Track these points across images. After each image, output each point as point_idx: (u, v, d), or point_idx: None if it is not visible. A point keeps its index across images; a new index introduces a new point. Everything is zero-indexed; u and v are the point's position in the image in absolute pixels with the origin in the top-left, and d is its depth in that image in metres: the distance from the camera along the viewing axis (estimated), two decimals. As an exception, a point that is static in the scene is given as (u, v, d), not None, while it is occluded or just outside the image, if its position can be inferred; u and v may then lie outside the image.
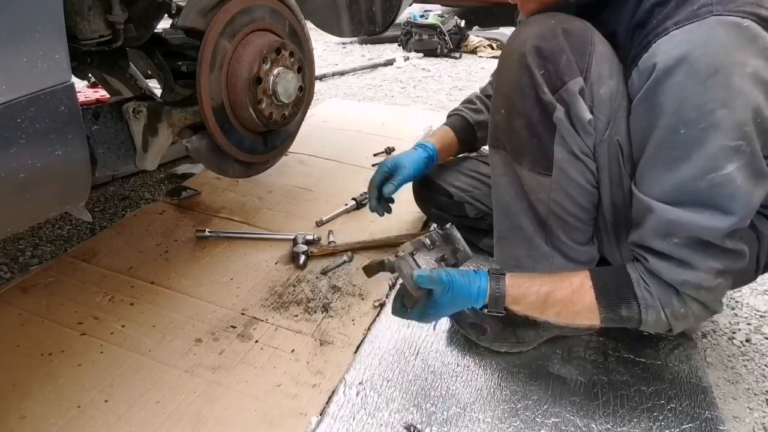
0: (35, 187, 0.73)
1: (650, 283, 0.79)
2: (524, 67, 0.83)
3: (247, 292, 1.19)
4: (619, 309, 0.81)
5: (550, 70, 0.81)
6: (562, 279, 0.86)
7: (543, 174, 0.87)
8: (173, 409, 0.89)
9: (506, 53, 0.88)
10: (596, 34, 0.83)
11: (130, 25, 1.10)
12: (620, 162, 0.84)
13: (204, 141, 1.20)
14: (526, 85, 0.84)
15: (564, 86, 0.81)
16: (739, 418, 0.93)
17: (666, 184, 0.75)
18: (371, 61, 3.88)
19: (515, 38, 0.87)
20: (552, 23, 0.82)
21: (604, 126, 0.83)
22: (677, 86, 0.71)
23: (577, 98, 0.81)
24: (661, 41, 0.72)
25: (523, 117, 0.86)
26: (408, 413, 0.90)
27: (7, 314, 1.09)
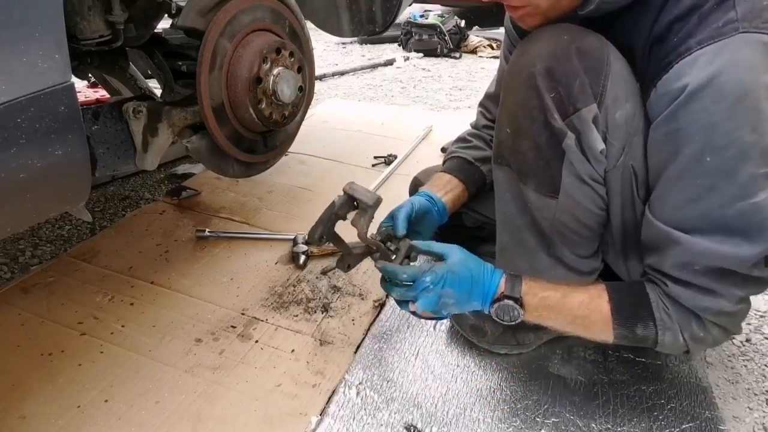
0: (35, 187, 0.73)
1: (669, 305, 0.77)
2: (533, 89, 0.78)
3: (247, 292, 1.19)
4: (635, 327, 0.79)
5: (562, 93, 0.76)
6: (579, 287, 0.84)
7: (549, 196, 0.84)
8: (173, 409, 0.89)
9: (514, 70, 0.83)
10: (612, 51, 0.77)
11: (130, 25, 1.10)
12: (633, 187, 0.81)
13: (204, 141, 1.20)
14: (534, 108, 0.79)
15: (576, 113, 0.76)
16: (739, 417, 0.93)
17: (689, 212, 0.72)
18: (371, 61, 3.88)
19: (523, 54, 0.81)
20: (565, 40, 0.76)
21: (618, 152, 0.79)
22: (703, 112, 0.67)
23: (590, 127, 0.76)
24: (683, 62, 0.68)
25: (529, 139, 0.82)
26: (408, 413, 0.90)
27: (7, 314, 1.09)
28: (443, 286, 0.84)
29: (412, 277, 0.86)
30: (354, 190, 0.93)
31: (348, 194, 0.93)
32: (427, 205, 1.07)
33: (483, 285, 0.85)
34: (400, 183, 1.76)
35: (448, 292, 0.84)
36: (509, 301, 0.83)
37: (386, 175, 1.79)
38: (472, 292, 0.85)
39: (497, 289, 0.85)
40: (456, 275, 0.85)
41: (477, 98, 3.00)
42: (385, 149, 1.99)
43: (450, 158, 1.20)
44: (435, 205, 1.08)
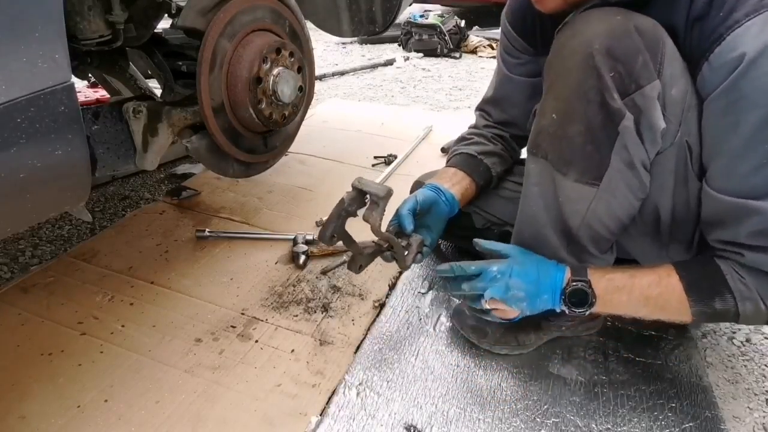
0: (35, 187, 0.73)
1: (745, 275, 0.77)
2: (591, 69, 0.75)
3: (247, 292, 1.19)
4: (713, 302, 0.78)
5: (623, 72, 0.74)
6: (644, 267, 0.85)
7: (590, 184, 0.82)
8: (173, 409, 0.89)
9: (564, 53, 0.80)
10: (664, 31, 0.77)
11: (130, 25, 1.10)
12: (689, 163, 0.81)
13: (204, 141, 1.21)
14: (591, 88, 0.76)
15: (639, 90, 0.75)
16: (739, 417, 0.93)
17: (760, 179, 0.72)
18: (371, 61, 3.88)
19: (574, 36, 0.78)
20: (620, 19, 0.75)
21: (675, 129, 0.79)
22: (765, 77, 0.68)
23: (654, 104, 0.76)
24: (735, 34, 0.69)
25: (581, 123, 0.79)
26: (408, 414, 0.90)
27: (7, 314, 1.09)
28: (510, 276, 0.87)
29: (480, 269, 0.90)
30: (363, 183, 0.93)
31: (357, 189, 0.92)
32: (432, 196, 1.05)
33: (550, 276, 0.87)
34: (400, 183, 1.76)
35: (516, 283, 0.87)
36: (579, 284, 0.84)
37: (386, 175, 1.79)
38: (540, 283, 0.86)
39: (564, 280, 0.86)
40: (522, 266, 0.88)
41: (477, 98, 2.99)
42: (385, 149, 1.99)
43: (453, 155, 1.20)
44: (442, 195, 1.06)
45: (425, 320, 1.12)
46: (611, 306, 0.85)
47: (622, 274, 0.84)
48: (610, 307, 0.85)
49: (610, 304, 0.85)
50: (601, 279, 0.84)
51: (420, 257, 1.03)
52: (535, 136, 0.88)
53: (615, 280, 0.84)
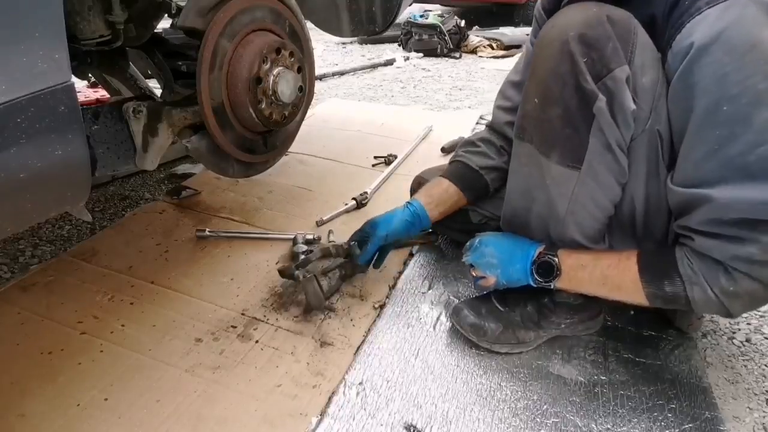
0: (35, 187, 0.73)
1: (694, 261, 0.79)
2: (566, 54, 0.80)
3: (247, 293, 1.19)
4: (662, 285, 0.82)
5: (594, 57, 0.79)
6: (610, 250, 0.91)
7: (572, 167, 0.86)
8: (173, 409, 0.89)
9: (545, 41, 0.85)
10: (636, 22, 0.81)
11: (130, 25, 1.10)
12: (659, 152, 0.84)
13: (204, 141, 1.21)
14: (566, 72, 0.81)
15: (610, 74, 0.79)
16: (739, 418, 0.93)
17: (711, 165, 0.74)
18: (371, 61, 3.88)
19: (553, 27, 0.84)
20: (595, 11, 0.80)
21: (645, 116, 0.82)
22: (715, 64, 0.71)
23: (623, 86, 0.79)
24: (694, 21, 0.73)
25: (559, 106, 0.84)
26: (408, 413, 0.90)
27: (7, 313, 1.09)
28: (487, 245, 1.00)
29: (469, 242, 1.04)
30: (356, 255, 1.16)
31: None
32: (406, 224, 1.16)
33: (522, 249, 0.96)
34: (400, 183, 1.76)
35: (490, 251, 0.99)
36: (548, 256, 0.92)
37: (386, 175, 1.79)
38: (513, 254, 0.96)
39: (535, 254, 0.94)
40: (499, 238, 1.01)
41: (477, 98, 3.01)
42: (385, 149, 1.99)
43: (454, 161, 1.22)
44: (419, 223, 1.17)
45: (425, 320, 1.12)
46: (574, 282, 0.91)
47: (589, 255, 0.91)
48: (573, 282, 0.92)
49: (574, 280, 0.91)
50: (569, 256, 0.91)
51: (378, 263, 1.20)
52: (521, 119, 0.93)
53: (581, 258, 0.91)
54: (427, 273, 1.29)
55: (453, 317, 1.07)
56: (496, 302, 1.06)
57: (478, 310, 1.04)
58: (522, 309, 1.03)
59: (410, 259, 1.35)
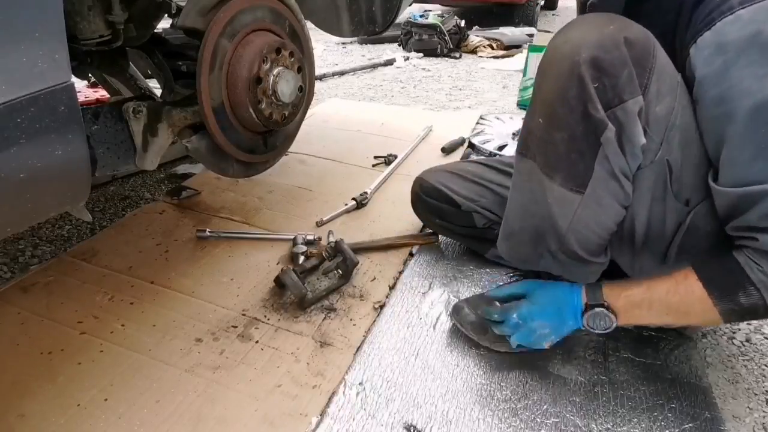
0: (35, 187, 0.73)
1: (763, 263, 0.74)
2: (575, 78, 0.75)
3: (247, 293, 1.19)
4: (737, 298, 0.76)
5: (607, 84, 0.74)
6: (660, 275, 0.83)
7: (575, 191, 0.83)
8: (173, 409, 0.89)
9: (553, 57, 0.80)
10: (656, 43, 0.77)
11: (130, 25, 1.10)
12: (667, 182, 0.81)
13: (204, 141, 1.20)
14: (574, 97, 0.76)
15: (621, 104, 0.75)
16: (739, 418, 0.93)
17: (763, 163, 0.72)
18: (371, 61, 3.88)
19: (565, 42, 0.78)
20: (611, 30, 0.75)
21: (656, 147, 0.79)
22: (755, 65, 0.69)
23: (634, 119, 0.76)
24: (726, 20, 0.70)
25: (564, 131, 0.80)
26: (408, 413, 0.90)
27: (7, 313, 1.09)
28: (532, 319, 0.92)
29: (503, 316, 0.96)
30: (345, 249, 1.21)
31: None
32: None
33: (568, 304, 0.89)
34: (400, 183, 1.76)
35: (539, 324, 0.91)
36: (598, 309, 0.85)
37: (386, 175, 1.79)
38: (561, 314, 0.90)
39: (582, 302, 0.88)
40: (540, 306, 0.92)
41: (477, 98, 3.00)
42: (385, 149, 1.99)
43: None
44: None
45: (425, 320, 1.12)
46: (634, 320, 0.86)
47: (639, 288, 0.84)
48: (633, 320, 0.86)
49: (633, 319, 0.86)
50: (618, 297, 0.85)
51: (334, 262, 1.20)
52: (524, 137, 0.89)
53: (632, 295, 0.84)
54: (427, 273, 1.29)
55: (454, 315, 1.07)
56: (497, 301, 1.05)
57: (480, 309, 1.03)
58: None
59: (410, 259, 1.35)
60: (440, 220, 1.27)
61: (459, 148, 2.06)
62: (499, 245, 1.02)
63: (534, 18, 5.25)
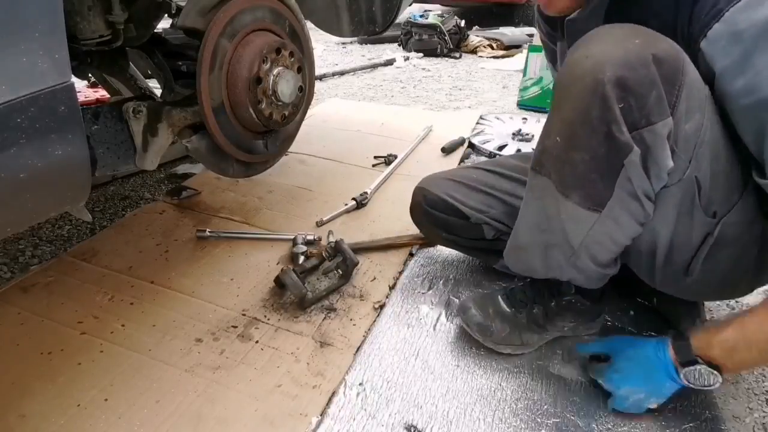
0: (35, 187, 0.73)
1: None
2: (599, 97, 0.70)
3: (247, 293, 1.19)
4: None
5: (633, 104, 0.69)
6: (748, 311, 0.77)
7: (592, 210, 0.79)
8: (173, 409, 0.89)
9: (576, 73, 0.74)
10: (686, 57, 0.71)
11: (130, 25, 1.10)
12: (696, 198, 0.77)
13: (204, 141, 1.20)
14: (597, 118, 0.71)
15: (650, 126, 0.70)
16: (739, 417, 0.93)
17: None
18: (371, 61, 3.88)
19: (587, 57, 0.72)
20: (638, 44, 0.69)
21: (684, 166, 0.75)
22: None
23: (663, 143, 0.71)
24: (735, 9, 0.67)
25: (585, 152, 0.75)
26: (408, 414, 0.90)
27: (7, 313, 1.09)
28: (619, 387, 0.88)
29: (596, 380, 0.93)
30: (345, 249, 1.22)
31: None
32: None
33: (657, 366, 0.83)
34: (400, 183, 1.76)
35: (629, 390, 0.87)
36: (699, 367, 0.79)
37: (386, 175, 1.79)
38: (653, 379, 0.84)
39: (671, 358, 0.82)
40: (624, 374, 0.88)
41: (477, 98, 3.00)
42: (385, 149, 1.99)
43: None
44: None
45: (425, 320, 1.12)
46: (739, 367, 0.81)
47: (731, 329, 0.77)
48: (738, 368, 0.82)
49: (737, 366, 0.79)
50: (710, 346, 0.78)
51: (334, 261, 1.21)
52: (539, 154, 0.84)
53: (727, 341, 0.77)
54: (427, 273, 1.29)
55: (460, 314, 1.06)
56: (502, 302, 1.04)
57: (486, 310, 1.03)
58: (528, 311, 1.03)
59: (410, 259, 1.35)
60: (447, 233, 1.18)
61: (459, 148, 2.06)
62: (506, 257, 0.98)
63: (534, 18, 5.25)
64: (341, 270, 1.21)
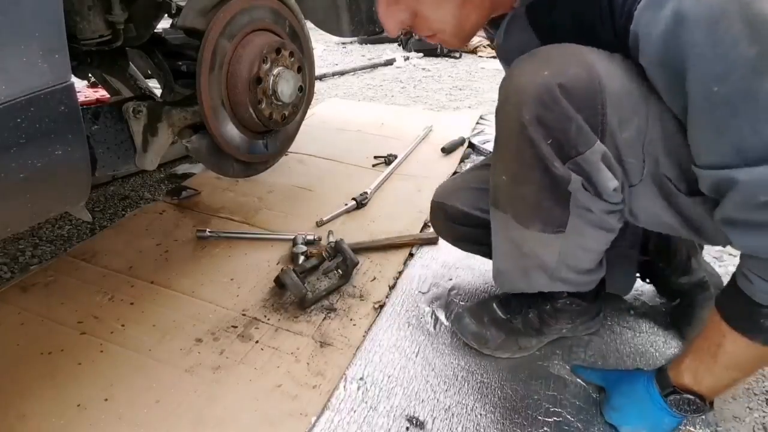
0: (35, 187, 0.73)
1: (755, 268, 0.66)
2: (527, 139, 0.72)
3: (247, 293, 1.19)
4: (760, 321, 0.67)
5: (560, 139, 0.70)
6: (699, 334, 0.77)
7: (555, 232, 0.79)
8: (173, 409, 0.89)
9: (502, 118, 0.77)
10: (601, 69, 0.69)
11: (130, 25, 1.10)
12: (671, 187, 0.74)
13: (204, 141, 1.20)
14: (531, 157, 0.73)
15: (580, 156, 0.71)
16: (739, 418, 0.93)
17: (724, 147, 0.63)
18: (371, 61, 3.88)
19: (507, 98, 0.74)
20: (546, 77, 0.69)
21: (639, 167, 0.73)
22: (686, 46, 0.60)
23: (598, 167, 0.71)
24: (641, 6, 0.63)
25: (531, 184, 0.76)
26: (410, 406, 0.90)
27: (7, 313, 1.09)
28: (620, 425, 0.86)
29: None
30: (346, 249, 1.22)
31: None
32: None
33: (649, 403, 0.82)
34: (400, 183, 1.76)
35: (629, 429, 0.85)
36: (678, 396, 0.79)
37: (386, 175, 1.79)
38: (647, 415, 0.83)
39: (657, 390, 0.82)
40: (622, 412, 0.87)
41: (477, 98, 3.01)
42: (385, 149, 1.99)
43: None
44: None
45: (425, 320, 1.12)
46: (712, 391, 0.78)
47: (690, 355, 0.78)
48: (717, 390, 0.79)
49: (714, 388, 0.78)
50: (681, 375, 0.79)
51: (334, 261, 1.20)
52: (494, 191, 0.85)
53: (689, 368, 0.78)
54: (427, 273, 1.29)
55: (455, 324, 1.07)
56: (497, 308, 1.04)
57: (480, 318, 1.03)
58: (524, 316, 1.03)
59: (410, 259, 1.35)
60: (476, 245, 1.11)
61: (459, 148, 2.06)
62: (494, 279, 0.97)
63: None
64: (341, 270, 1.21)
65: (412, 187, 1.73)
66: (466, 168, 1.83)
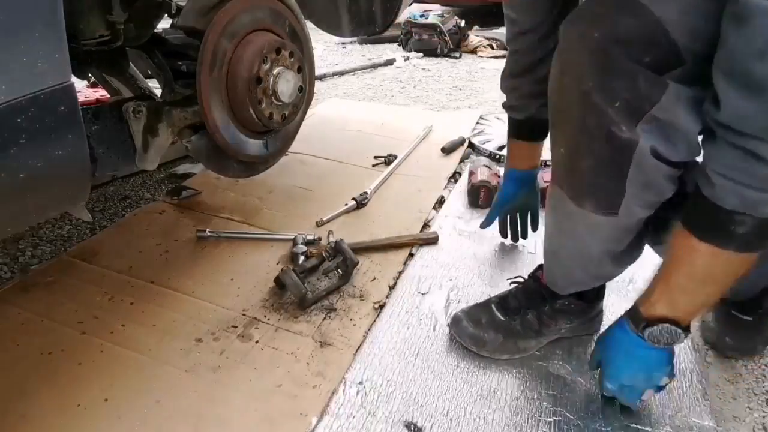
0: (35, 187, 0.73)
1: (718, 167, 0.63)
2: (591, 106, 0.69)
3: (247, 293, 1.19)
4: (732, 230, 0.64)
5: (629, 97, 0.66)
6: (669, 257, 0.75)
7: (608, 213, 0.78)
8: (173, 409, 0.89)
9: (560, 88, 0.74)
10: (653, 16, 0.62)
11: (130, 25, 1.10)
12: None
13: (204, 141, 1.20)
14: (593, 125, 0.70)
15: (656, 106, 0.65)
16: (739, 418, 0.93)
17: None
18: (371, 61, 3.88)
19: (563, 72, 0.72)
20: (598, 39, 0.65)
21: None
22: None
23: (676, 113, 0.66)
24: None
25: (590, 158, 0.74)
26: (408, 412, 0.90)
27: (7, 313, 1.09)
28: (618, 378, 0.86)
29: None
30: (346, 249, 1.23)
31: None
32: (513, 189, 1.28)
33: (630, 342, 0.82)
34: (400, 183, 1.76)
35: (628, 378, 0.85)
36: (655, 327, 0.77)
37: (386, 175, 1.79)
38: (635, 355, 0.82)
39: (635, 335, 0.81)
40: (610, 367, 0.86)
41: (477, 98, 3.00)
42: (385, 149, 1.99)
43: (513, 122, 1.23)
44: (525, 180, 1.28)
45: (425, 321, 1.12)
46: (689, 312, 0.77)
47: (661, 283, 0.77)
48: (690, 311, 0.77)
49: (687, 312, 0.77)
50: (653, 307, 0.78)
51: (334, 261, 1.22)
52: (554, 166, 0.85)
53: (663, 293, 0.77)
54: (427, 273, 1.29)
55: (452, 327, 1.06)
56: (495, 310, 1.04)
57: (478, 320, 1.03)
58: (522, 318, 1.02)
59: (410, 259, 1.35)
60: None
61: (459, 148, 2.06)
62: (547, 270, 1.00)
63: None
64: (341, 270, 1.21)
65: (412, 187, 1.73)
66: (465, 168, 1.83)
